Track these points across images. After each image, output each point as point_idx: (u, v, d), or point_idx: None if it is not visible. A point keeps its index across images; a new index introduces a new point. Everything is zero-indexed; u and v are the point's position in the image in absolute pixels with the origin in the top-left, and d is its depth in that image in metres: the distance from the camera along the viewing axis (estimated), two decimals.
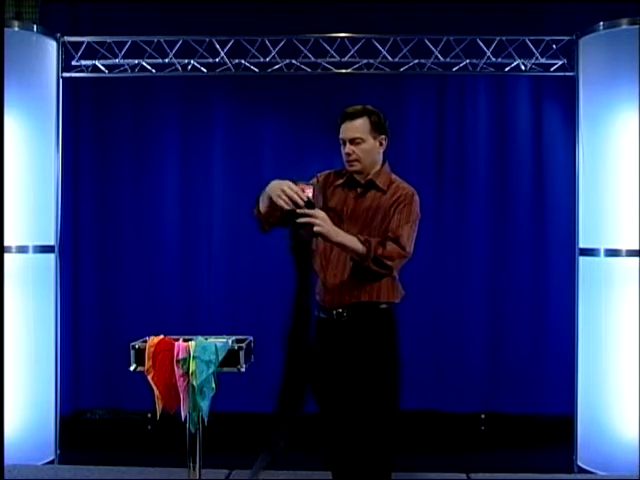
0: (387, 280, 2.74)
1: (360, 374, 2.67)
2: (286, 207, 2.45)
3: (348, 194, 2.78)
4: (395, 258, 2.63)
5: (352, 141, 2.72)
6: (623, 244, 3.94)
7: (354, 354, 2.68)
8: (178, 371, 3.02)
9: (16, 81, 3.99)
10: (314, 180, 2.83)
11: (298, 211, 2.45)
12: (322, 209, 2.59)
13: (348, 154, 2.73)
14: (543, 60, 4.38)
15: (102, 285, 5.06)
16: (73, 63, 4.44)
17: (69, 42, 4.40)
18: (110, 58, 4.46)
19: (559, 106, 4.88)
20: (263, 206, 2.61)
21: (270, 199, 2.52)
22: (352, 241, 2.57)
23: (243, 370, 3.08)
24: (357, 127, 2.72)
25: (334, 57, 4.43)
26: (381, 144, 2.78)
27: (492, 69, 4.48)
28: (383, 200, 2.73)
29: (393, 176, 2.83)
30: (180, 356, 3.03)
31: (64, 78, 4.38)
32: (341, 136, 2.76)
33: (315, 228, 2.49)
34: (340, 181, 2.82)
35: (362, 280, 2.68)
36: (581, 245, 4.16)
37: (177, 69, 4.51)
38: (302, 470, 3.78)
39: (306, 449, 3.05)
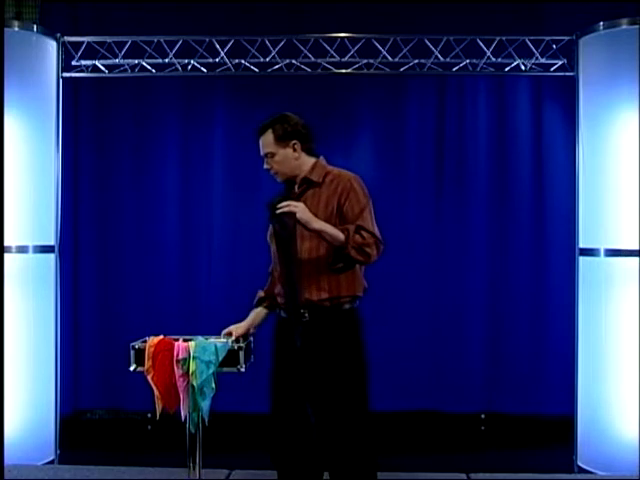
0: (347, 274, 2.76)
1: (321, 376, 2.70)
2: None
3: (289, 199, 2.81)
4: (372, 245, 2.69)
5: (266, 156, 2.85)
6: (623, 244, 3.94)
7: (315, 355, 2.70)
8: (178, 371, 3.02)
9: (16, 81, 3.99)
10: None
11: (281, 205, 2.64)
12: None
13: (267, 169, 2.87)
14: (543, 60, 4.38)
15: (102, 285, 5.06)
16: (73, 63, 4.44)
17: (69, 42, 4.40)
18: (110, 58, 4.46)
19: (559, 106, 4.87)
20: None
21: None
22: (331, 228, 2.66)
23: (243, 370, 3.07)
24: (264, 143, 2.85)
25: (334, 57, 4.43)
26: (295, 149, 2.84)
27: (492, 69, 4.48)
28: (322, 192, 2.79)
29: (329, 167, 2.88)
30: (180, 356, 3.03)
31: (64, 78, 4.38)
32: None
33: (298, 215, 2.62)
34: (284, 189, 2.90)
35: (322, 277, 2.72)
36: (581, 245, 4.16)
37: (177, 69, 4.51)
38: None
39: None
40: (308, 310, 2.72)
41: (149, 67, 4.49)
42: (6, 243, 3.89)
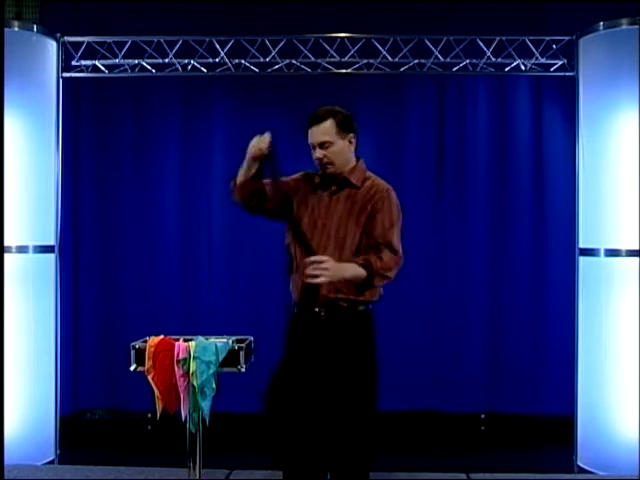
0: None
1: (337, 375, 2.68)
2: (259, 152, 2.74)
3: (322, 194, 2.80)
4: (392, 267, 2.69)
5: (321, 145, 2.73)
6: (623, 244, 3.94)
7: (331, 355, 2.68)
8: (178, 371, 3.02)
9: (16, 81, 3.98)
10: (298, 176, 2.91)
11: (307, 271, 2.55)
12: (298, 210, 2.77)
13: (319, 158, 2.75)
14: (543, 60, 4.38)
15: (102, 285, 5.06)
16: (73, 63, 4.44)
17: (69, 42, 4.40)
18: (110, 58, 4.46)
19: (559, 106, 4.88)
20: (241, 174, 2.83)
21: (248, 162, 2.77)
22: (355, 270, 2.61)
23: (243, 370, 3.08)
24: (324, 130, 2.72)
25: (334, 57, 4.43)
26: (350, 142, 2.79)
27: (492, 69, 4.47)
28: (358, 196, 2.75)
29: (368, 173, 2.84)
30: (180, 356, 3.03)
31: (64, 78, 4.38)
32: (310, 141, 2.77)
33: (318, 280, 2.54)
34: (316, 181, 2.85)
35: (341, 282, 2.68)
36: (581, 245, 4.15)
37: (177, 69, 4.51)
38: None
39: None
40: (325, 308, 2.70)
41: (149, 67, 4.49)
42: (6, 243, 3.89)
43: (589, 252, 4.08)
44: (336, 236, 2.70)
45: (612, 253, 3.97)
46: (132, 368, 3.11)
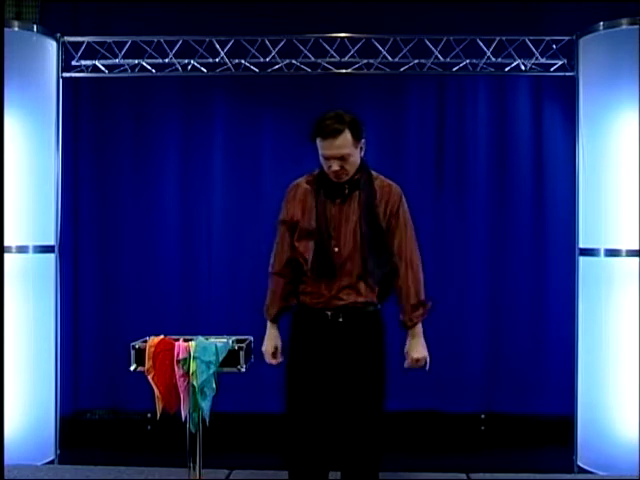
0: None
1: (353, 375, 2.70)
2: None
3: (332, 203, 2.77)
4: (421, 284, 2.86)
5: (342, 157, 2.68)
6: (623, 244, 3.94)
7: (347, 355, 2.70)
8: (178, 371, 3.03)
9: (16, 81, 3.98)
10: (289, 195, 2.87)
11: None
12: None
13: (336, 171, 2.70)
14: (543, 60, 4.39)
15: (102, 285, 5.06)
16: (73, 63, 4.44)
17: (69, 42, 4.40)
18: (110, 58, 4.46)
19: (559, 106, 4.87)
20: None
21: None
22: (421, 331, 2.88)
23: (243, 370, 3.08)
24: (343, 144, 2.66)
25: (334, 57, 4.43)
26: (362, 149, 2.77)
27: (492, 69, 4.48)
28: (370, 196, 2.75)
29: (374, 172, 2.84)
30: (180, 356, 3.04)
31: (64, 78, 4.38)
32: (326, 153, 2.68)
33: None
34: (314, 188, 2.80)
35: (360, 283, 2.72)
36: (581, 245, 4.16)
37: (177, 69, 4.51)
38: None
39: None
40: (342, 312, 2.71)
41: (149, 67, 4.49)
42: (6, 243, 3.89)
43: (589, 252, 4.08)
44: (354, 238, 2.70)
45: (612, 253, 3.97)
46: (132, 368, 3.12)
